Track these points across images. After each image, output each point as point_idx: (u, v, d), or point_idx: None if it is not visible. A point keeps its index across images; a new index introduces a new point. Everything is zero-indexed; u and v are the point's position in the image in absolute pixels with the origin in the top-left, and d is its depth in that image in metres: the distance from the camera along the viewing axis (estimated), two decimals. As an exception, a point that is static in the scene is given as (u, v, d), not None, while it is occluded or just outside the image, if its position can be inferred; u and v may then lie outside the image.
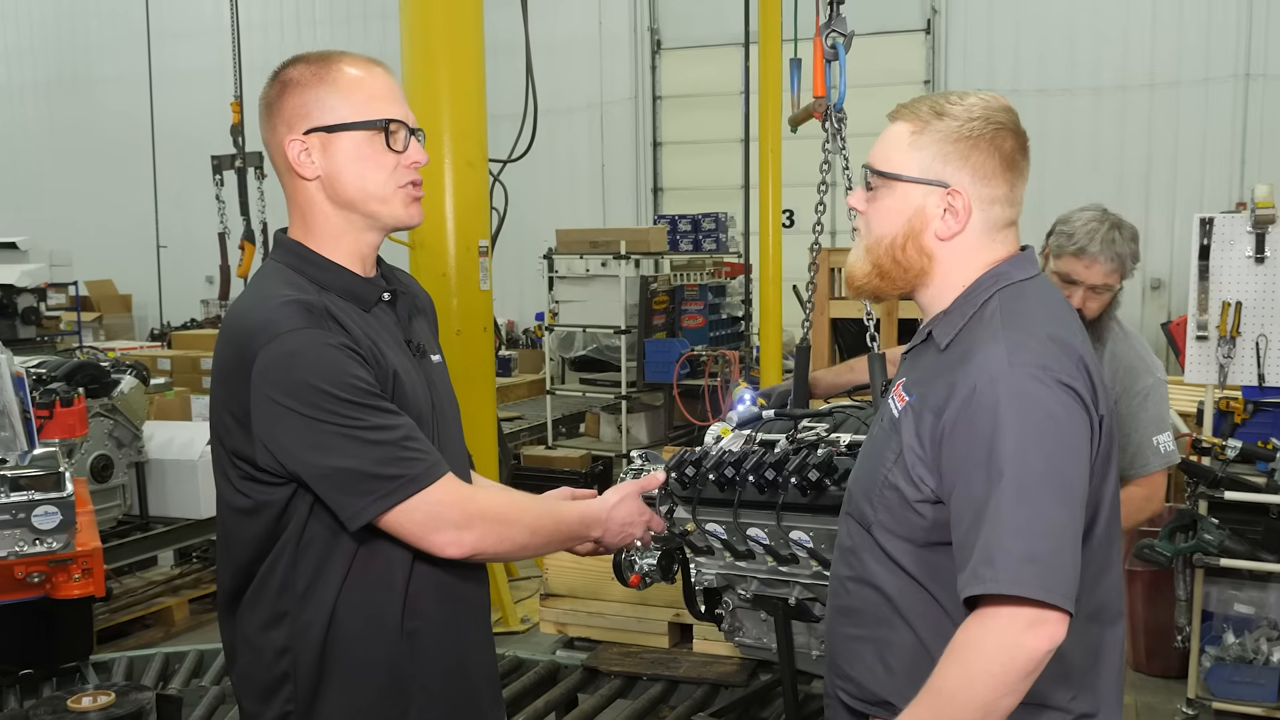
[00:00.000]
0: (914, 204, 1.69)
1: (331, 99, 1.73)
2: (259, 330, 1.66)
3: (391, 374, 1.74)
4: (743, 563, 2.69)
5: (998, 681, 1.47)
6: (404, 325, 1.85)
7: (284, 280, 1.75)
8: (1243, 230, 4.25)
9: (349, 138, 1.74)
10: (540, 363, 11.14)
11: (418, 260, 5.16)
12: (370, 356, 1.71)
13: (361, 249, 1.80)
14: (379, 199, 1.77)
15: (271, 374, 1.64)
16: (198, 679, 3.86)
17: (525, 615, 5.35)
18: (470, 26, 5.19)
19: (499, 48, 6.51)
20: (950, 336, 1.67)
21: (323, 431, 1.63)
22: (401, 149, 1.77)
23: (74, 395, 4.85)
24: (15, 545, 3.24)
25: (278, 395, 1.63)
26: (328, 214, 1.77)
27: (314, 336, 1.65)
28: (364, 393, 1.66)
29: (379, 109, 1.75)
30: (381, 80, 1.78)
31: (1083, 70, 13.20)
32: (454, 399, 1.97)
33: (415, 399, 1.78)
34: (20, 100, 19.20)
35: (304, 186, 1.76)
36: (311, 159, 1.74)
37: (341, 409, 1.64)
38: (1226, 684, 4.22)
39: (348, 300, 1.76)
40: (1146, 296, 13.23)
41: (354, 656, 1.75)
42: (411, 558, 1.75)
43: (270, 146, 1.79)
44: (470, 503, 1.75)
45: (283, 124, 1.75)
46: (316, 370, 1.63)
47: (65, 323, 13.63)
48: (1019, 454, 1.50)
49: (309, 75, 1.75)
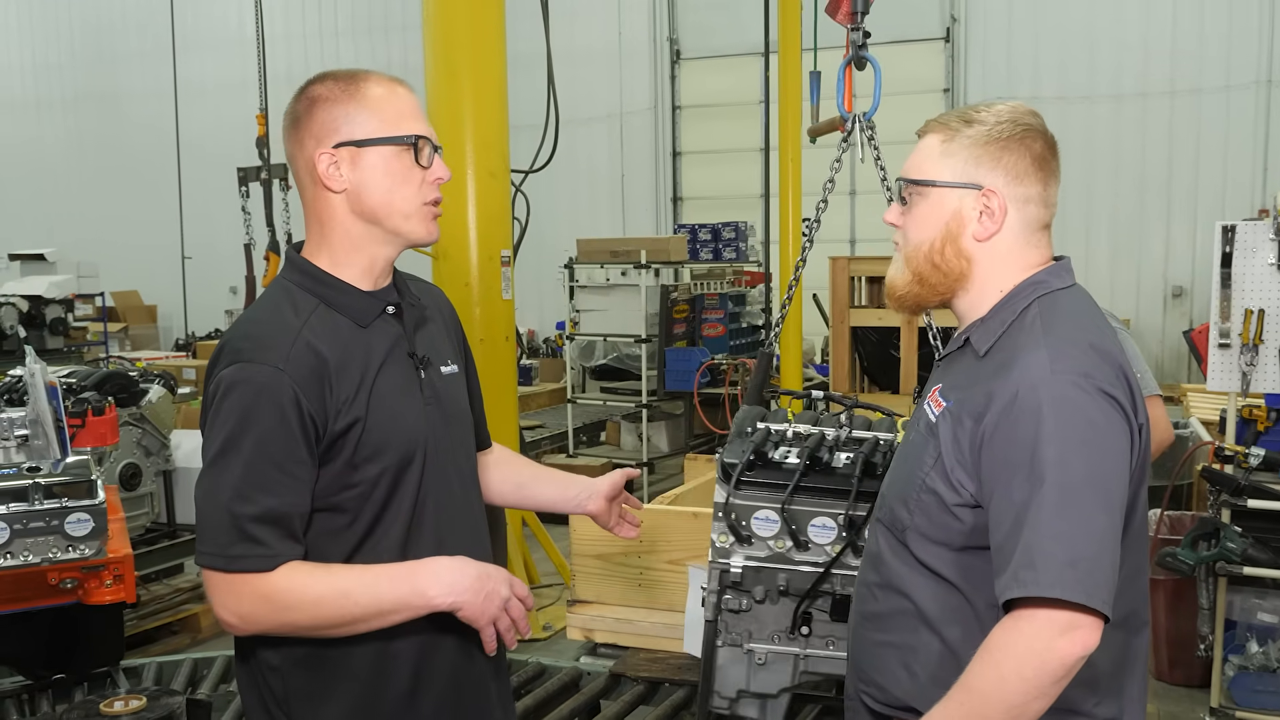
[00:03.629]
0: (950, 208, 1.71)
1: (360, 115, 1.77)
2: (220, 352, 1.75)
3: (369, 390, 1.75)
4: (797, 554, 2.66)
5: (1029, 684, 1.49)
6: (409, 337, 1.87)
7: (283, 299, 1.80)
8: (1265, 237, 4.23)
9: (378, 152, 1.77)
10: (561, 371, 11.18)
11: (441, 270, 5.21)
12: (327, 386, 1.72)
13: (376, 262, 1.84)
14: (403, 214, 1.81)
15: (210, 400, 1.72)
16: (226, 684, 3.90)
17: (547, 623, 5.37)
18: (492, 38, 5.24)
19: (520, 59, 6.56)
20: (990, 343, 1.69)
21: (207, 468, 1.70)
22: (427, 165, 1.81)
23: (105, 404, 4.91)
24: (48, 552, 3.29)
25: (205, 420, 1.72)
26: (348, 227, 1.81)
27: (253, 373, 1.69)
28: (263, 449, 1.68)
29: (406, 125, 1.79)
30: (406, 98, 1.83)
31: (1103, 77, 13.16)
32: (465, 410, 1.98)
33: (400, 413, 1.79)
34: (49, 113, 19.45)
35: (329, 199, 1.80)
36: (340, 172, 1.78)
37: (231, 457, 1.68)
38: (1250, 693, 4.19)
39: (346, 316, 1.80)
40: (1168, 304, 13.18)
41: (354, 668, 1.77)
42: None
43: (296, 160, 1.82)
44: (251, 591, 1.68)
45: (311, 138, 1.78)
46: (235, 410, 1.68)
47: (92, 333, 13.75)
48: (1060, 459, 1.52)
49: (338, 91, 1.78)
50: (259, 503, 1.65)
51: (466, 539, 1.89)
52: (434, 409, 1.86)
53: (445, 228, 5.16)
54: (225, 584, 1.67)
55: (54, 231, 17.59)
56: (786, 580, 2.71)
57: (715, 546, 2.75)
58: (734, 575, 2.73)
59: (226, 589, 1.67)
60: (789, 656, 2.78)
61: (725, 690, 2.83)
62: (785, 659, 2.76)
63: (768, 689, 2.80)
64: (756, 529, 2.67)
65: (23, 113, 19.56)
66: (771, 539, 2.66)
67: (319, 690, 1.77)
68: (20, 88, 19.61)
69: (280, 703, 1.78)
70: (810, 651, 2.72)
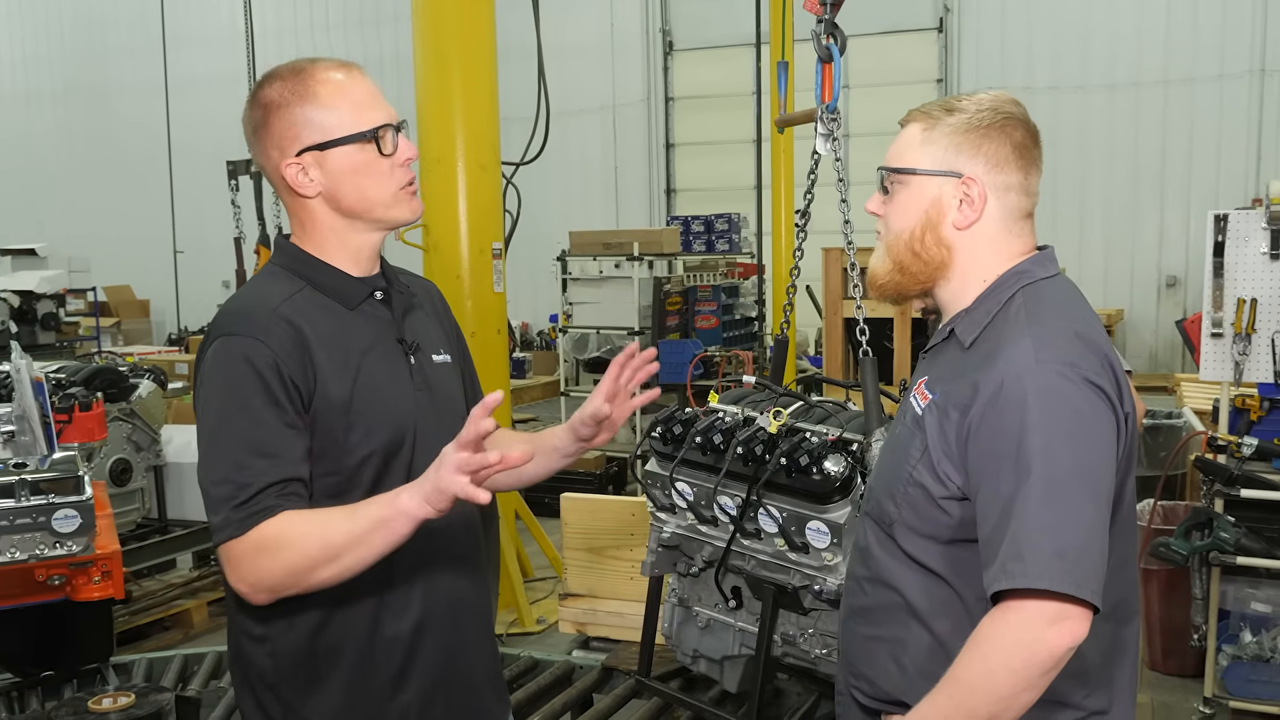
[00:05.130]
0: (930, 196, 1.70)
1: (317, 115, 1.75)
2: (207, 334, 1.76)
3: (355, 370, 1.75)
4: (704, 527, 2.85)
5: (1017, 676, 1.48)
6: (398, 323, 1.86)
7: (270, 280, 1.81)
8: (1258, 226, 4.23)
9: (341, 152, 1.76)
10: (554, 364, 11.17)
11: (431, 263, 5.19)
12: (308, 359, 1.71)
13: (362, 248, 1.84)
14: (382, 204, 1.80)
15: (198, 379, 1.74)
16: (216, 680, 3.89)
17: (541, 616, 5.36)
18: (482, 30, 5.21)
19: (511, 51, 6.52)
20: (974, 334, 1.68)
21: (203, 447, 1.70)
22: (392, 151, 1.79)
23: (92, 400, 4.89)
24: (36, 548, 3.27)
25: (196, 400, 1.73)
26: (330, 223, 1.81)
27: (232, 344, 1.70)
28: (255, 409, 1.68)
29: (364, 117, 1.77)
30: (360, 85, 1.79)
31: (1096, 67, 13.15)
32: (456, 399, 1.95)
33: (388, 396, 1.79)
34: (39, 107, 19.37)
35: (305, 203, 1.80)
36: (309, 177, 1.77)
37: (222, 431, 1.68)
38: (1243, 683, 4.20)
39: (332, 298, 1.79)
40: (1162, 294, 13.19)
41: (345, 655, 1.76)
42: (403, 555, 1.73)
43: (265, 167, 1.81)
44: (251, 547, 1.65)
45: (274, 148, 1.77)
46: (219, 382, 1.69)
47: (84, 328, 13.72)
48: (1046, 450, 1.51)
49: (288, 94, 1.75)
50: (255, 469, 1.65)
51: (459, 529, 1.88)
52: (424, 395, 1.85)
53: (435, 221, 5.17)
54: (234, 554, 1.65)
55: (45, 226, 17.52)
56: (711, 553, 2.88)
57: (653, 511, 2.97)
58: (666, 538, 2.92)
59: (236, 559, 1.65)
60: (730, 627, 2.93)
61: (684, 648, 3.04)
62: (727, 628, 2.93)
63: (713, 653, 2.97)
64: (676, 499, 2.89)
65: (13, 106, 19.48)
66: (687, 510, 2.86)
67: (310, 675, 1.76)
68: (10, 81, 19.53)
69: (271, 687, 1.78)
70: (743, 625, 2.88)
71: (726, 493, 2.79)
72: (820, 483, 2.62)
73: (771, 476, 2.68)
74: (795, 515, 2.69)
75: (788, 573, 2.77)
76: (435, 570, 1.83)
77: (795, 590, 2.75)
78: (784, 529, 2.69)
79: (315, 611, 1.74)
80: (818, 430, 2.77)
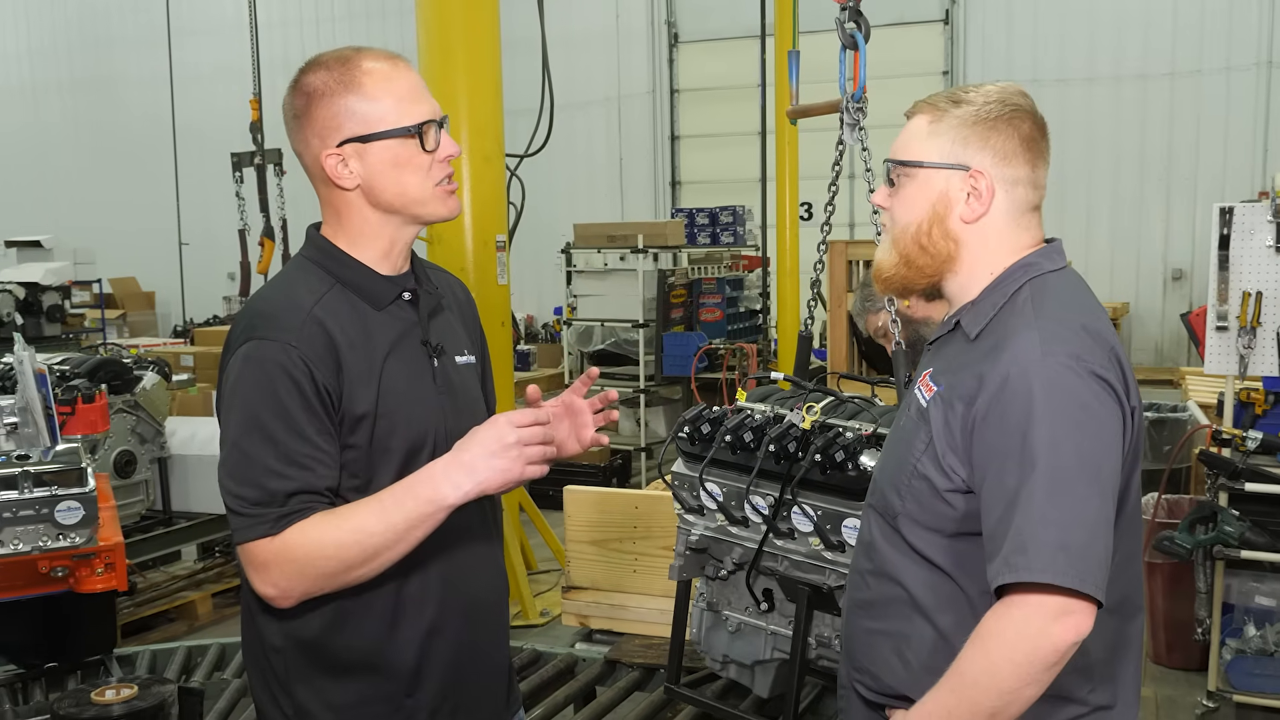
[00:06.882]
0: (937, 189, 1.68)
1: (361, 105, 1.72)
2: (235, 330, 1.73)
3: (378, 374, 1.73)
4: (734, 528, 2.79)
5: (1021, 670, 1.47)
6: (423, 325, 1.84)
7: (300, 276, 1.78)
8: (1263, 219, 4.20)
9: (383, 145, 1.73)
10: (559, 356, 11.15)
11: (435, 255, 5.18)
12: (338, 363, 1.70)
13: (395, 245, 1.81)
14: (420, 201, 1.78)
15: (225, 377, 1.71)
16: (220, 672, 3.90)
17: (545, 609, 5.37)
18: (487, 21, 5.20)
19: (515, 43, 6.52)
20: (980, 326, 1.66)
21: (229, 447, 1.67)
22: (434, 147, 1.77)
23: (95, 391, 4.89)
24: (39, 540, 3.28)
25: (222, 398, 1.70)
26: (365, 216, 1.78)
27: (265, 349, 1.67)
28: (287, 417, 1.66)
29: (409, 111, 1.74)
30: (405, 77, 1.77)
31: (1103, 59, 13.11)
32: (477, 400, 1.94)
33: (410, 400, 1.77)
34: (45, 99, 19.38)
35: (343, 195, 1.77)
36: (349, 169, 1.74)
37: (251, 433, 1.66)
38: (1247, 676, 4.20)
39: (361, 298, 1.77)
40: (1168, 287, 13.16)
41: (355, 651, 1.76)
42: (422, 555, 1.73)
43: (303, 156, 1.78)
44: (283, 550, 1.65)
45: (315, 137, 1.74)
46: (250, 385, 1.66)
47: (89, 320, 13.72)
48: (1052, 444, 1.50)
49: (332, 82, 1.73)
50: (288, 476, 1.63)
51: (478, 534, 1.87)
52: (446, 398, 1.83)
53: (439, 212, 5.16)
54: (263, 558, 1.64)
55: (50, 218, 17.53)
56: (742, 555, 2.82)
57: (680, 514, 2.89)
58: (694, 540, 2.85)
59: (263, 563, 1.64)
60: (761, 630, 2.88)
61: (713, 654, 2.98)
62: (758, 632, 2.87)
63: (744, 658, 2.92)
64: (705, 500, 2.81)
65: (19, 98, 19.48)
66: (717, 511, 2.79)
67: (321, 672, 1.76)
68: (16, 73, 19.54)
69: (282, 684, 1.77)
70: (775, 628, 2.83)
71: (758, 492, 2.73)
72: (857, 479, 2.57)
73: (806, 474, 2.62)
74: (831, 513, 2.63)
75: (823, 572, 2.71)
76: (453, 570, 1.82)
77: (831, 590, 2.71)
78: (819, 527, 2.62)
79: (333, 611, 1.73)
80: (851, 426, 2.69)
